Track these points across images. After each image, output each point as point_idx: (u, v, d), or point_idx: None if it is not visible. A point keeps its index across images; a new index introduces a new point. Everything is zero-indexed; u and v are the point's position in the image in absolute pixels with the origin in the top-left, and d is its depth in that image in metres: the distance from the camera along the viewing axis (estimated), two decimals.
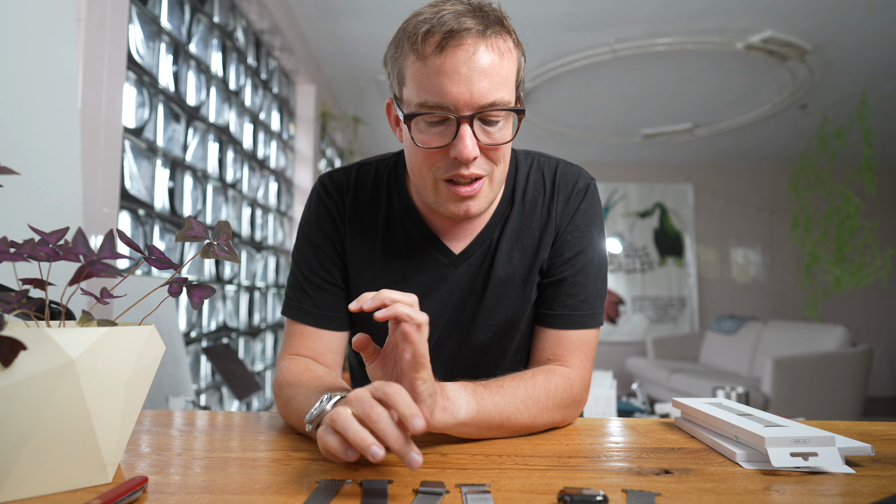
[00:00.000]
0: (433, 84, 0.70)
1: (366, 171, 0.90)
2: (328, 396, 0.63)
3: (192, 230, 0.56)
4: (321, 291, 0.86)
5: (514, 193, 0.87)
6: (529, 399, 0.71)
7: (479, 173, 0.74)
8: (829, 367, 3.86)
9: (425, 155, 0.74)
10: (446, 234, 0.86)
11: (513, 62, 0.73)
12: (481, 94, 0.69)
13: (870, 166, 4.31)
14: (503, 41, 0.72)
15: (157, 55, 1.96)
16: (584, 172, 0.89)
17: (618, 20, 3.10)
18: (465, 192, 0.75)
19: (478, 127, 0.72)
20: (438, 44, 0.69)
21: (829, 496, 0.51)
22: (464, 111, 0.70)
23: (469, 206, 0.76)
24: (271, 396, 3.14)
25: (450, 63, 0.69)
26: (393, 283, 0.85)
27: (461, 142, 0.70)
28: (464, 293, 0.86)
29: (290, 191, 3.51)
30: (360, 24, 3.09)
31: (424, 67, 0.70)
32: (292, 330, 0.86)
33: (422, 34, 0.70)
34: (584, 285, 0.84)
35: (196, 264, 2.34)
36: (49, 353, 0.46)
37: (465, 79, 0.69)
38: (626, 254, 6.19)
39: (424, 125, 0.73)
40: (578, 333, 0.83)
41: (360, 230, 0.87)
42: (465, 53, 0.69)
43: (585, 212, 0.86)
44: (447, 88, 0.69)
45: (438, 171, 0.75)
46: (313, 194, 0.90)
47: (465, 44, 0.69)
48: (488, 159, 0.75)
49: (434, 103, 0.70)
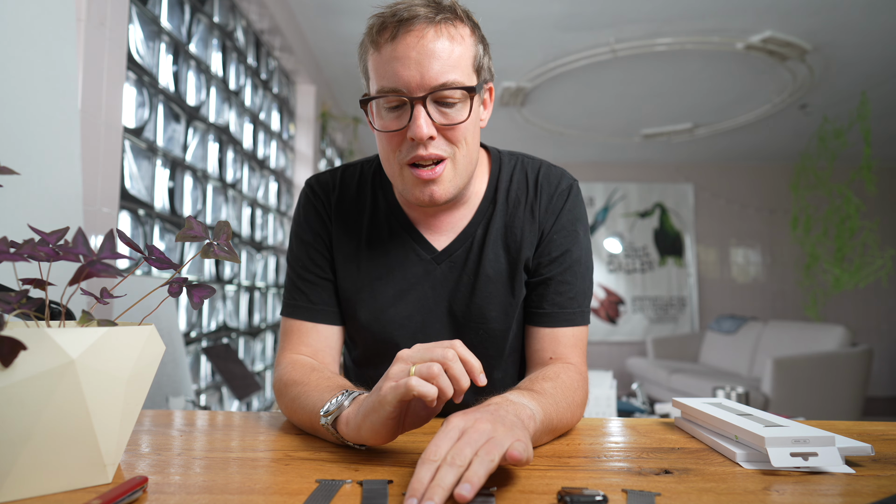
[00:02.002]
0: (387, 70, 0.74)
1: (350, 171, 0.93)
2: (347, 392, 0.65)
3: (192, 230, 0.56)
4: (314, 286, 0.88)
5: (497, 193, 0.89)
6: (567, 400, 0.72)
7: (438, 154, 0.76)
8: (829, 367, 3.85)
9: (387, 140, 0.78)
10: (429, 231, 0.88)
11: (466, 47, 0.76)
12: (432, 75, 0.73)
13: (870, 166, 4.31)
14: (454, 27, 0.75)
15: (157, 55, 1.96)
16: (566, 174, 0.91)
17: (618, 20, 3.10)
18: (426, 174, 0.77)
19: (433, 108, 0.75)
20: (391, 32, 0.73)
21: (829, 496, 0.51)
22: (416, 93, 0.73)
23: (433, 190, 0.78)
24: (271, 396, 3.14)
25: (401, 48, 0.73)
26: (377, 279, 0.87)
27: (415, 122, 0.73)
28: (449, 291, 0.87)
29: (290, 191, 3.51)
30: (360, 24, 3.08)
31: (380, 56, 0.75)
32: (289, 328, 0.88)
33: (377, 27, 0.75)
34: (573, 283, 0.86)
35: (196, 264, 2.34)
36: (49, 353, 0.46)
37: (414, 62, 0.72)
38: (626, 254, 6.19)
39: (385, 111, 0.77)
40: (573, 331, 0.85)
41: (346, 227, 0.89)
42: (414, 38, 0.73)
43: (570, 211, 0.88)
44: (398, 72, 0.73)
45: (401, 156, 0.77)
46: (302, 196, 0.93)
47: (414, 29, 0.73)
48: (447, 140, 0.77)
49: (389, 88, 0.74)
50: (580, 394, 0.77)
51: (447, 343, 0.59)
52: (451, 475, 0.46)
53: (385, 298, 0.87)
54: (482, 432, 0.50)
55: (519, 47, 3.39)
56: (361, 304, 0.87)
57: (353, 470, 0.57)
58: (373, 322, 0.87)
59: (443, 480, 0.46)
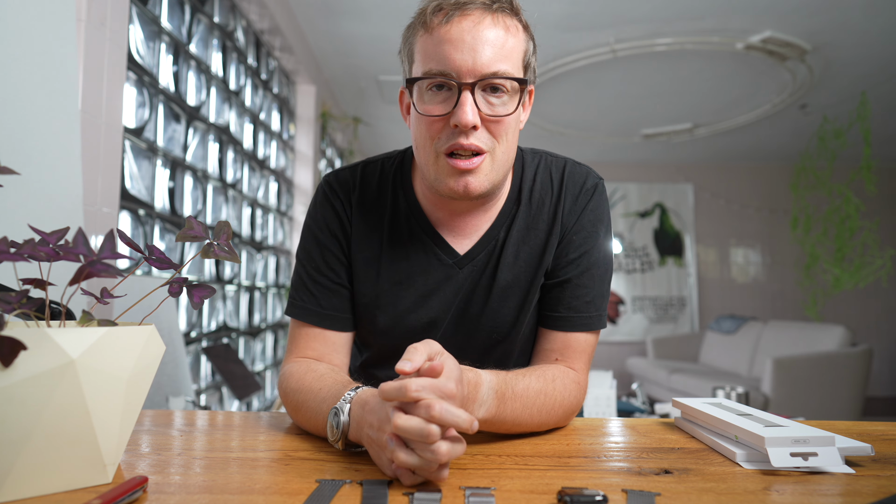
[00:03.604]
0: (438, 52, 0.72)
1: (371, 169, 0.89)
2: (346, 397, 0.64)
3: (192, 230, 0.56)
4: (326, 291, 0.85)
5: (521, 193, 0.86)
6: (545, 407, 0.72)
7: (479, 146, 0.73)
8: (829, 367, 3.85)
9: (427, 124, 0.75)
10: (451, 234, 0.85)
11: (519, 41, 0.75)
12: (484, 62, 0.71)
13: (870, 166, 4.31)
14: (509, 19, 0.74)
15: (157, 55, 1.96)
16: (592, 172, 0.88)
17: (618, 20, 3.10)
18: (463, 165, 0.74)
19: (480, 97, 0.73)
20: (446, 15, 0.72)
21: (829, 496, 0.51)
22: (465, 78, 0.71)
23: (468, 181, 0.75)
24: (271, 396, 3.14)
25: (455, 31, 0.71)
26: (397, 284, 0.84)
27: (461, 108, 0.71)
28: (467, 294, 0.85)
29: (290, 191, 3.51)
30: (360, 24, 3.09)
31: (431, 38, 0.73)
32: (297, 331, 0.85)
33: (431, 9, 0.73)
34: (590, 287, 0.83)
35: (196, 264, 2.34)
36: (49, 353, 0.46)
37: (468, 46, 0.71)
38: (626, 254, 6.19)
39: (428, 95, 0.74)
40: (585, 336, 0.83)
41: (365, 229, 0.86)
42: (470, 23, 0.71)
43: (592, 212, 0.85)
44: (450, 55, 0.71)
45: (440, 143, 0.75)
46: (319, 193, 0.89)
47: (470, 14, 0.71)
48: (490, 133, 0.74)
49: (437, 71, 0.72)
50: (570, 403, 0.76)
51: (427, 410, 0.51)
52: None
53: (406, 305, 0.84)
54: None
55: None
56: (381, 310, 0.84)
57: (353, 470, 0.57)
58: (392, 328, 0.85)
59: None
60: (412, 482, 0.52)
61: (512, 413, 0.68)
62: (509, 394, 0.67)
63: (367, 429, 0.57)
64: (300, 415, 0.73)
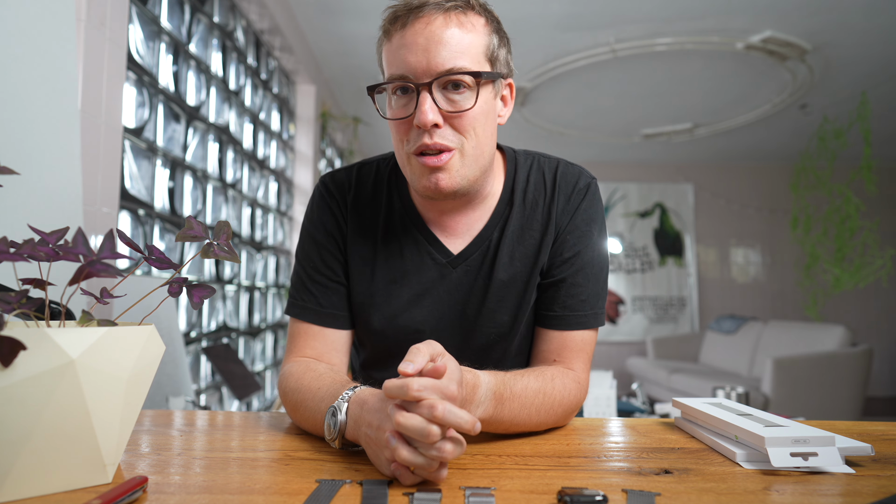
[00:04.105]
0: (396, 57, 0.74)
1: (367, 170, 0.90)
2: (344, 396, 0.64)
3: (192, 230, 0.56)
4: (325, 289, 0.86)
5: (514, 194, 0.86)
6: (543, 406, 0.72)
7: (445, 144, 0.74)
8: (829, 367, 3.85)
9: (396, 128, 0.77)
10: (444, 233, 0.86)
11: (478, 36, 0.75)
12: (438, 61, 0.72)
13: (870, 166, 4.31)
14: (464, 16, 0.75)
15: (157, 55, 1.96)
16: (584, 172, 0.88)
17: (618, 20, 3.10)
18: (431, 162, 0.75)
19: (439, 95, 0.74)
20: (402, 21, 0.74)
21: (829, 496, 0.51)
22: (422, 78, 0.73)
23: (438, 177, 0.75)
24: (271, 396, 3.14)
25: (409, 35, 0.73)
26: (391, 282, 0.85)
27: (419, 108, 0.73)
28: (463, 295, 0.85)
29: (290, 191, 3.51)
30: (360, 24, 3.09)
31: (391, 45, 0.75)
32: (296, 330, 0.86)
33: (390, 17, 0.75)
34: (584, 286, 0.84)
35: (196, 264, 2.34)
36: (49, 353, 0.46)
37: (422, 48, 0.72)
38: (626, 254, 6.19)
39: (394, 99, 0.76)
40: (582, 334, 0.83)
41: (361, 229, 0.87)
42: (423, 24, 0.73)
43: (585, 211, 0.86)
44: (406, 58, 0.73)
45: (409, 146, 0.76)
46: (316, 193, 0.90)
47: (423, 16, 0.73)
48: (455, 130, 0.75)
49: (397, 75, 0.74)
50: (569, 403, 0.76)
51: (430, 410, 0.52)
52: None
53: (399, 304, 0.85)
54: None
55: (519, 47, 3.38)
56: (375, 308, 0.85)
57: (353, 470, 0.57)
58: (386, 327, 0.86)
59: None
60: (411, 482, 0.52)
61: (510, 413, 0.68)
62: (507, 394, 0.67)
63: (366, 427, 0.58)
64: (299, 414, 0.73)
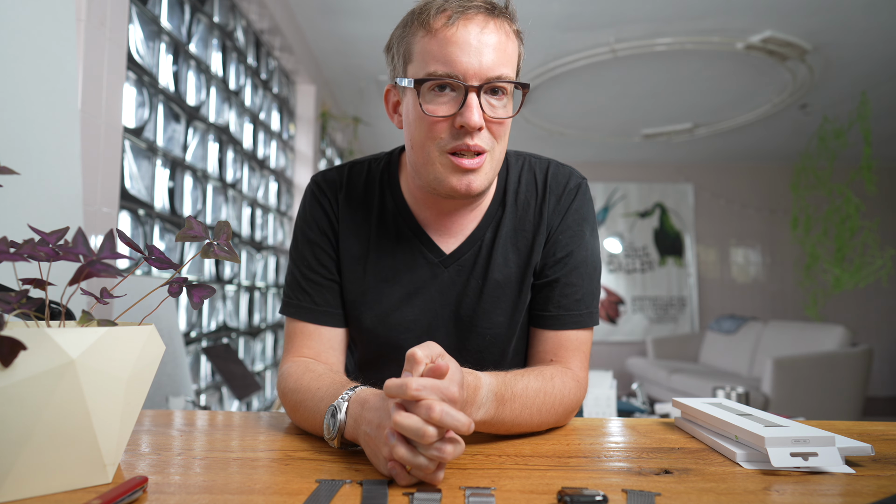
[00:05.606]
0: (443, 54, 0.73)
1: (358, 169, 0.91)
2: (344, 395, 0.64)
3: (192, 230, 0.56)
4: (319, 288, 0.86)
5: (506, 195, 0.87)
6: (544, 406, 0.72)
7: (482, 146, 0.75)
8: (829, 367, 3.85)
9: (430, 125, 0.75)
10: (437, 233, 0.86)
11: (514, 47, 0.77)
12: (489, 65, 0.72)
13: (870, 166, 4.31)
14: (507, 25, 0.76)
15: (157, 55, 1.96)
16: (575, 172, 0.89)
17: (618, 20, 3.10)
18: (468, 164, 0.75)
19: (484, 99, 0.74)
20: (449, 18, 0.73)
21: (829, 496, 0.51)
22: (472, 81, 0.72)
23: (471, 180, 0.76)
24: (271, 396, 3.14)
25: (461, 34, 0.72)
26: (383, 281, 0.86)
27: (469, 110, 0.72)
28: (456, 295, 0.86)
29: (290, 191, 3.51)
30: (360, 24, 3.09)
31: (434, 40, 0.73)
32: (292, 329, 0.86)
33: (433, 10, 0.74)
34: (578, 285, 0.85)
35: (196, 264, 2.34)
36: (49, 353, 0.46)
37: (475, 50, 0.72)
38: (626, 254, 6.19)
39: (430, 95, 0.75)
40: (577, 334, 0.84)
41: (352, 227, 0.87)
42: (476, 27, 0.73)
43: (577, 211, 0.86)
44: (457, 58, 0.72)
45: (442, 143, 0.75)
46: (307, 193, 0.91)
47: (475, 19, 0.73)
48: (491, 134, 0.76)
49: (443, 72, 0.73)
50: (570, 402, 0.76)
51: (428, 411, 0.51)
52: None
53: (391, 302, 0.85)
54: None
55: None
56: (366, 307, 0.86)
57: (353, 470, 0.57)
58: (377, 325, 0.86)
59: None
60: (407, 482, 0.52)
61: (511, 414, 0.68)
62: (508, 395, 0.67)
63: (366, 426, 0.58)
64: (298, 414, 0.73)
